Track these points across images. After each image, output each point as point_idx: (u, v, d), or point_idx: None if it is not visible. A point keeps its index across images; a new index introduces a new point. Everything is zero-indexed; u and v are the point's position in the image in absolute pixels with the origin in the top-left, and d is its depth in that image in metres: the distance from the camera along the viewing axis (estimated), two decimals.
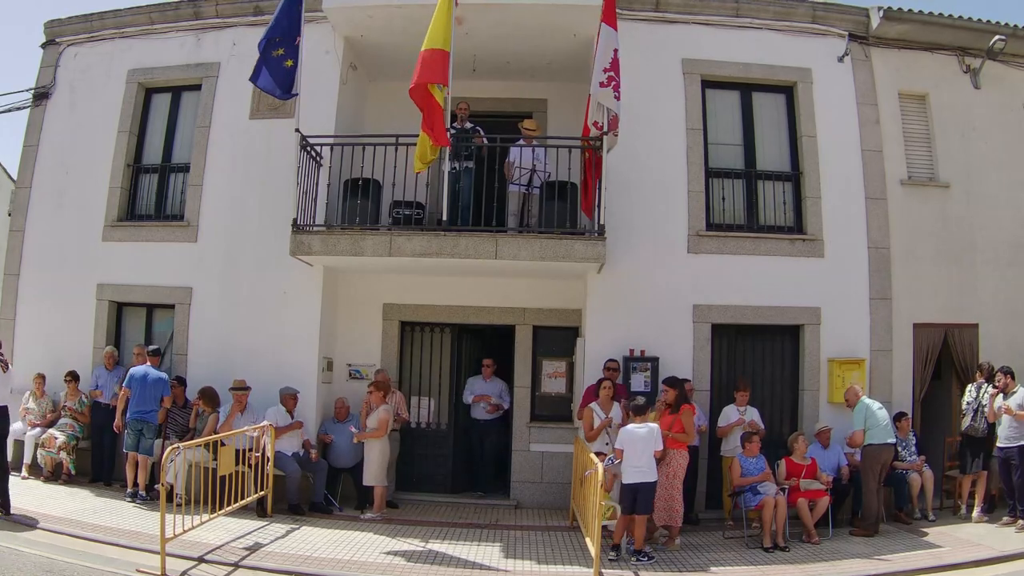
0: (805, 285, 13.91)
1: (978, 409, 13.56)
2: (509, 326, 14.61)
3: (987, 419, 13.30)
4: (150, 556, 9.10)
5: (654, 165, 13.79)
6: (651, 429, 10.82)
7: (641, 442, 10.72)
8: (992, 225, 15.52)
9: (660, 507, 11.62)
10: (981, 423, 13.50)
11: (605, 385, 12.16)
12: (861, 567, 10.51)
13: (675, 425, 11.26)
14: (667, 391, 12.03)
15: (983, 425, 13.46)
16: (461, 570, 9.87)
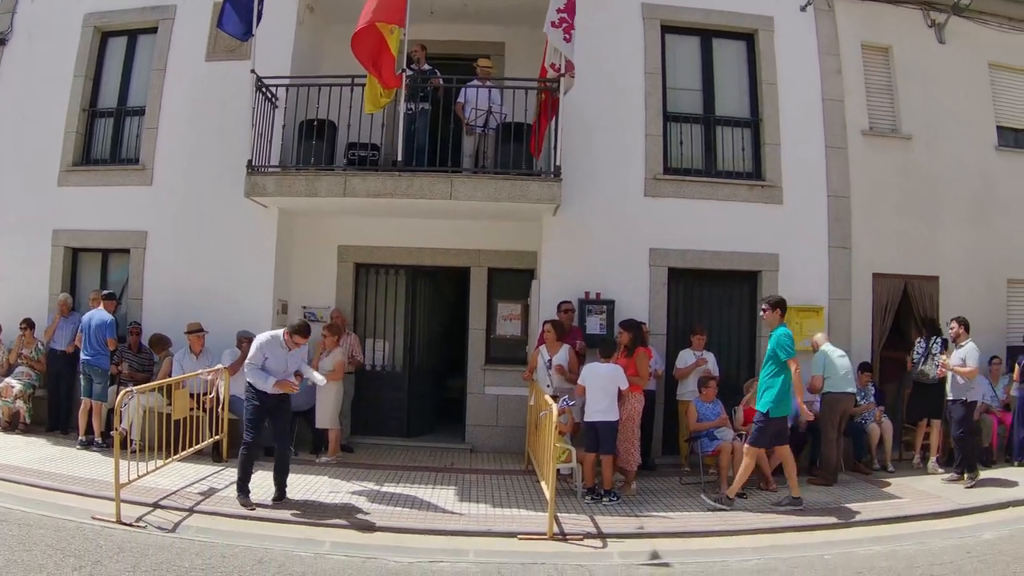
0: (763, 231, 13.96)
1: (926, 356, 13.71)
2: (464, 268, 14.67)
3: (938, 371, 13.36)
4: (106, 503, 9.06)
5: (612, 108, 13.77)
6: (613, 368, 10.84)
7: (603, 380, 10.74)
8: (955, 179, 15.64)
9: (619, 451, 11.63)
10: (932, 370, 13.64)
11: (546, 328, 12.13)
12: (819, 515, 10.51)
13: (629, 368, 11.18)
14: (622, 334, 12.01)
15: (934, 372, 13.60)
16: (416, 511, 9.92)
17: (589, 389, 10.77)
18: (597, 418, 10.69)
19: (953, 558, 8.80)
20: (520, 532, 9.19)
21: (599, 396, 10.71)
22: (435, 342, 15.74)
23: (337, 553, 8.23)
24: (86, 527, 8.49)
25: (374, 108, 12.48)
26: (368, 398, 14.41)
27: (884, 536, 9.82)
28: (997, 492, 12.08)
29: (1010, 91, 16.62)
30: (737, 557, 8.82)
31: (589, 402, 10.75)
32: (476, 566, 8.09)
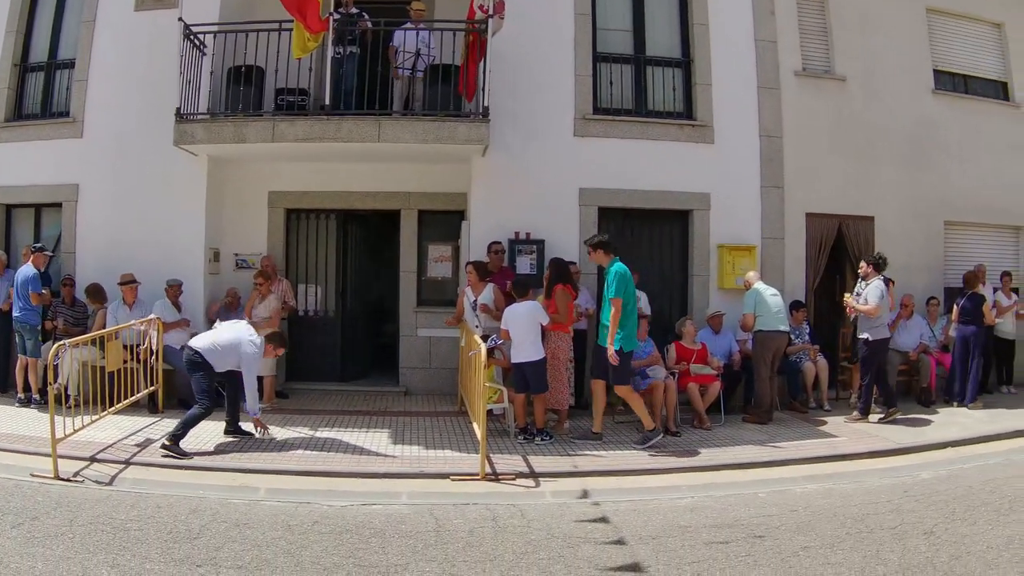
0: (694, 171, 13.98)
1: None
2: (395, 211, 14.72)
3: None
4: (44, 460, 9.00)
5: (542, 49, 13.68)
6: (531, 305, 10.82)
7: (523, 319, 10.73)
8: (891, 121, 15.71)
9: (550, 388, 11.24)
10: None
11: (468, 269, 12.20)
12: (753, 454, 10.60)
13: (550, 307, 11.23)
14: (548, 273, 12.04)
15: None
16: (349, 455, 9.98)
17: (512, 331, 10.73)
18: (523, 359, 10.67)
19: (890, 497, 8.84)
20: (453, 473, 9.25)
21: (522, 336, 10.68)
22: (367, 286, 15.79)
23: (271, 499, 8.24)
24: (24, 485, 8.47)
25: (302, 53, 12.46)
26: (302, 344, 14.41)
27: (820, 474, 9.88)
28: (936, 432, 12.28)
29: (947, 36, 16.75)
30: (671, 495, 8.86)
31: (514, 344, 10.72)
32: (409, 508, 8.10)
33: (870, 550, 7.04)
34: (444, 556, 6.66)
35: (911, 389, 15.41)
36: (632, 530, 7.52)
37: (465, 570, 6.36)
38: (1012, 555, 6.88)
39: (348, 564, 6.41)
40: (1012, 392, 16.22)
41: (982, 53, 17.23)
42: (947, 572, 6.48)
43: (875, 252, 13.86)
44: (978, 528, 7.67)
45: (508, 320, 10.82)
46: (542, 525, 7.60)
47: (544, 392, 10.86)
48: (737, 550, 7.00)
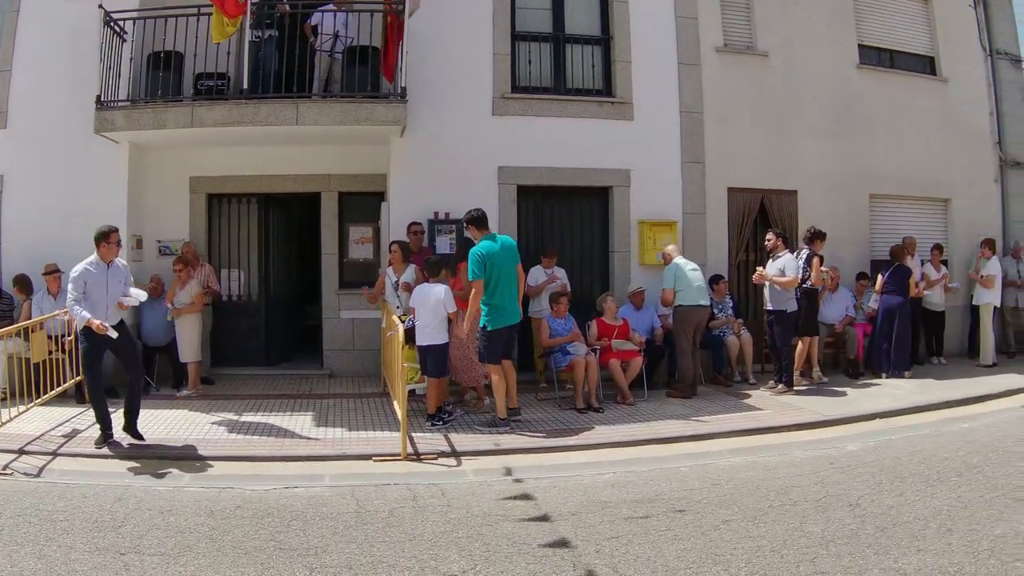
0: (614, 147, 14.16)
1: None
2: (315, 194, 14.85)
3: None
4: None
5: (459, 28, 13.77)
6: (441, 289, 10.73)
7: (431, 302, 10.67)
8: (815, 96, 16.02)
9: (462, 368, 11.53)
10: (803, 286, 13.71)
11: (393, 248, 12.23)
12: (677, 428, 10.73)
13: (457, 284, 11.28)
14: (457, 251, 12.27)
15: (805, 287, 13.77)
16: (273, 439, 10.04)
17: (419, 311, 10.68)
18: (426, 341, 10.62)
19: (815, 469, 8.94)
20: (375, 454, 9.30)
21: (428, 318, 10.62)
22: (290, 269, 16.05)
23: (195, 485, 8.24)
24: None
25: (221, 37, 12.58)
26: (227, 329, 14.58)
27: (744, 448, 10.02)
28: (864, 404, 12.43)
29: (874, 11, 17.07)
30: (593, 471, 8.91)
31: (419, 326, 10.67)
32: (330, 490, 8.16)
33: (793, 523, 7.08)
34: (364, 537, 6.69)
35: (839, 361, 15.70)
36: (552, 506, 7.57)
37: (384, 550, 6.37)
38: (939, 526, 6.93)
39: (269, 547, 6.42)
40: (943, 363, 16.56)
41: (909, 28, 17.57)
42: (872, 544, 6.52)
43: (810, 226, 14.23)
44: (905, 499, 7.73)
45: (416, 300, 10.81)
46: (462, 504, 7.65)
47: (442, 377, 10.82)
48: (657, 524, 7.05)
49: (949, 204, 17.58)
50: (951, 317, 17.00)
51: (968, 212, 17.67)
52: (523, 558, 6.20)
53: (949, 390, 13.58)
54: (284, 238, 15.67)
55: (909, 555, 6.26)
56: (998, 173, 18.15)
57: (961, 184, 17.58)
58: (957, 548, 6.37)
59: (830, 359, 15.26)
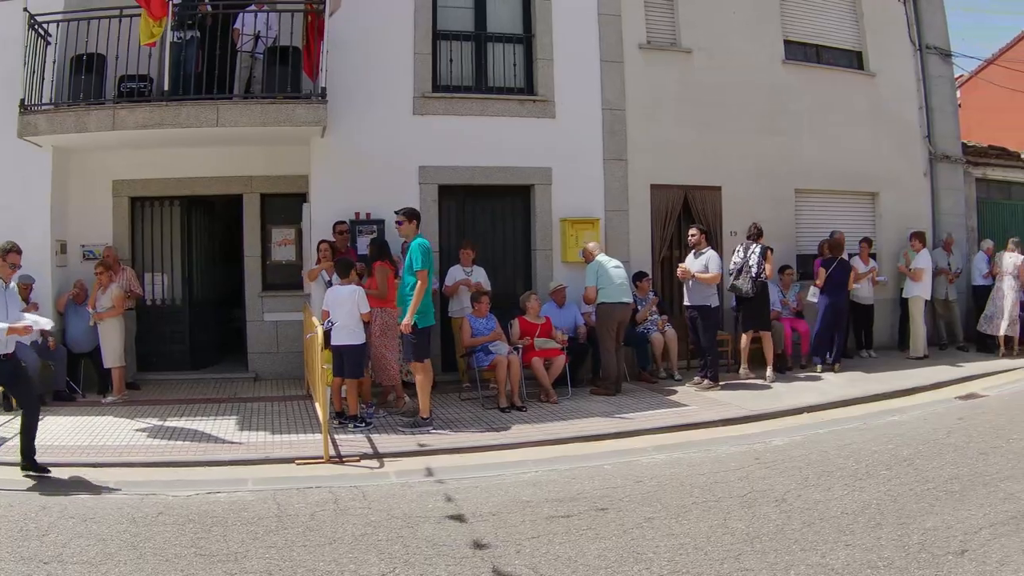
0: (536, 146, 14.46)
1: (743, 269, 14.23)
2: (237, 195, 15.00)
3: (756, 280, 14.25)
4: None
5: (381, 28, 13.97)
6: (352, 289, 10.88)
7: (345, 303, 10.80)
8: (740, 92, 16.48)
9: (379, 368, 11.72)
10: (747, 283, 14.20)
11: (323, 247, 12.51)
12: (600, 425, 10.93)
13: (372, 283, 11.51)
14: (369, 251, 12.16)
15: (748, 285, 14.23)
16: (197, 444, 10.12)
17: (333, 312, 10.75)
18: (342, 342, 10.69)
19: (740, 464, 9.08)
20: (298, 457, 9.42)
21: (343, 319, 10.72)
22: (214, 272, 16.09)
23: (119, 493, 8.27)
24: None
25: (149, 39, 12.79)
26: (151, 333, 14.68)
27: (669, 444, 10.20)
28: (792, 398, 12.76)
29: (800, 6, 17.56)
30: (516, 470, 9.05)
31: (335, 326, 10.73)
32: (253, 494, 8.21)
33: (717, 519, 7.15)
34: (284, 541, 6.74)
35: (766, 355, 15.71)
36: (473, 507, 7.65)
37: (304, 554, 6.43)
38: (868, 520, 7.03)
39: (189, 554, 6.46)
40: (872, 356, 17.09)
41: (837, 23, 18.08)
42: (798, 539, 6.58)
43: (753, 223, 14.74)
44: (833, 494, 7.86)
45: (330, 301, 10.89)
46: (383, 506, 7.73)
47: (359, 378, 10.99)
48: (579, 524, 7.13)
49: (877, 198, 18.10)
50: (880, 310, 17.54)
51: (897, 205, 18.21)
52: (442, 560, 6.27)
53: (878, 383, 13.81)
54: (207, 241, 15.78)
55: (837, 550, 6.34)
56: (928, 167, 18.76)
57: (890, 178, 18.11)
58: (887, 542, 6.47)
59: (757, 353, 15.47)
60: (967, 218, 19.53)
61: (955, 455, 9.24)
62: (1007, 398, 12.92)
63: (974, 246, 19.02)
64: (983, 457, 9.10)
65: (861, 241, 17.03)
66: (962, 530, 6.66)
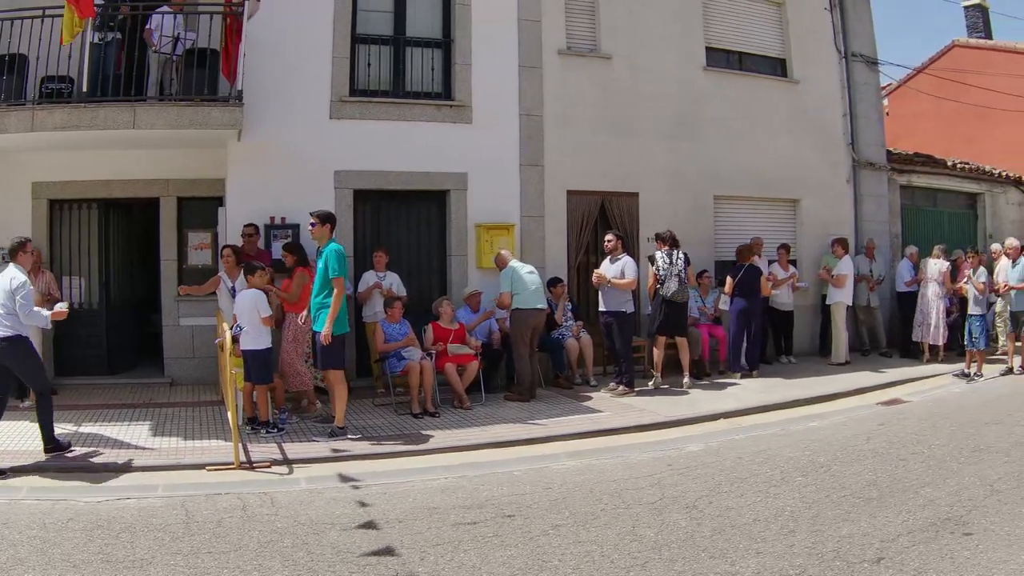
0: (453, 151, 14.82)
1: (674, 274, 14.56)
2: (155, 199, 15.13)
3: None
4: None
5: (300, 31, 14.19)
6: (254, 294, 11.00)
7: (247, 308, 10.92)
8: (659, 98, 17.12)
9: (290, 374, 11.87)
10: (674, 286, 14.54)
11: (225, 253, 12.58)
12: (513, 431, 11.21)
13: (287, 286, 11.92)
14: (286, 256, 12.31)
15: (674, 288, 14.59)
16: (110, 449, 10.20)
17: (239, 317, 10.87)
18: (246, 347, 10.77)
19: (652, 471, 9.22)
20: (209, 463, 9.49)
21: (247, 324, 10.78)
22: (132, 276, 16.14)
23: (31, 498, 8.32)
24: None
25: (71, 38, 13.01)
26: (69, 337, 14.57)
27: (582, 450, 10.43)
28: (708, 404, 13.11)
29: (723, 14, 18.25)
30: (426, 476, 9.19)
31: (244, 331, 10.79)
32: (162, 500, 8.26)
33: (625, 526, 7.21)
34: (190, 548, 6.78)
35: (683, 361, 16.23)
36: (380, 513, 7.74)
37: (209, 561, 6.46)
38: (781, 527, 7.11)
39: (97, 560, 6.48)
40: (792, 362, 17.78)
41: (761, 31, 18.81)
42: (708, 547, 6.64)
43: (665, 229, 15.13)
44: (745, 500, 7.95)
45: (237, 306, 11.10)
46: (290, 512, 7.80)
47: (266, 383, 11.05)
48: (485, 531, 7.19)
49: (799, 204, 18.84)
50: (801, 316, 18.26)
51: (819, 212, 18.94)
52: (346, 567, 6.34)
53: (798, 389, 14.22)
54: (125, 244, 15.96)
55: (747, 558, 6.38)
56: (851, 174, 19.54)
57: (812, 184, 18.85)
58: (800, 550, 6.54)
59: (673, 359, 15.94)
60: (891, 225, 20.33)
61: (874, 461, 9.49)
62: (930, 404, 13.29)
63: (898, 253, 19.81)
64: (903, 463, 9.36)
65: (779, 247, 17.71)
66: (879, 537, 6.80)
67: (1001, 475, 8.68)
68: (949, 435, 10.81)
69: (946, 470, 9.01)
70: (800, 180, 18.56)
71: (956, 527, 7.03)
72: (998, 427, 11.16)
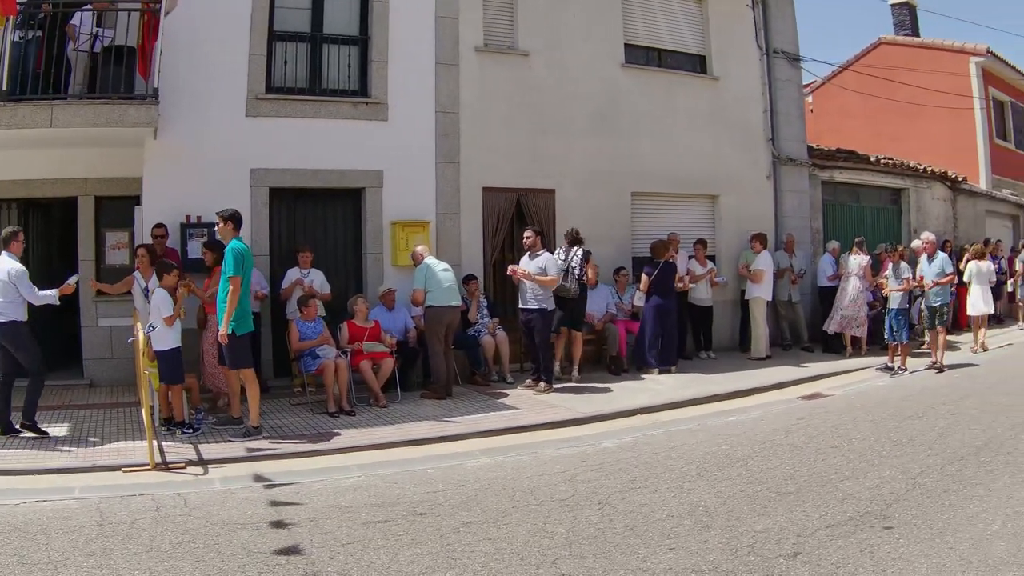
0: (368, 149, 15.24)
1: (568, 271, 15.17)
2: (73, 198, 15.24)
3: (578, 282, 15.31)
4: None
5: (217, 28, 14.42)
6: (160, 294, 11.19)
7: (156, 307, 11.11)
8: (578, 95, 17.84)
9: (209, 374, 12.33)
10: (573, 285, 15.19)
11: (140, 253, 12.80)
12: (427, 429, 11.51)
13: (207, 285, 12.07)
14: (206, 254, 12.52)
15: (575, 286, 15.24)
16: (27, 452, 10.30)
17: (152, 316, 11.08)
18: (156, 347, 10.99)
19: (566, 467, 9.47)
20: (125, 465, 9.63)
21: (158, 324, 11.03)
22: (52, 276, 16.24)
23: None
24: None
25: None
26: None
27: (496, 448, 10.74)
28: (625, 400, 13.52)
29: (643, 11, 19.04)
30: (339, 475, 9.41)
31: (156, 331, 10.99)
32: (78, 502, 8.34)
33: (537, 523, 7.36)
34: (104, 549, 6.87)
35: (602, 358, 17.25)
36: (292, 513, 7.88)
37: (122, 563, 6.55)
38: (695, 523, 7.28)
39: (12, 563, 6.54)
40: (712, 357, 18.51)
41: (682, 28, 19.64)
42: (620, 544, 6.78)
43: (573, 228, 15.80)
44: (660, 496, 8.14)
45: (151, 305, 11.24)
46: (203, 513, 7.92)
47: (177, 383, 11.25)
48: (396, 529, 7.33)
49: (718, 200, 19.70)
50: (721, 312, 19.12)
51: (739, 208, 19.81)
52: (256, 567, 6.44)
53: (717, 384, 14.73)
54: (44, 244, 16.06)
55: (660, 554, 6.52)
56: (771, 169, 20.52)
57: (731, 181, 19.74)
58: (713, 545, 6.70)
59: (592, 356, 16.77)
60: (812, 220, 21.27)
61: (792, 455, 9.79)
62: (852, 398, 13.80)
63: (820, 248, 20.77)
64: (822, 457, 9.67)
65: (696, 243, 18.46)
66: (796, 532, 6.97)
67: (924, 468, 9.01)
68: (870, 429, 11.21)
69: (867, 464, 9.33)
70: (719, 176, 19.41)
71: (876, 521, 7.27)
72: (921, 421, 11.61)
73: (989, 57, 31.27)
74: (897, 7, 33.32)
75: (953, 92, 28.77)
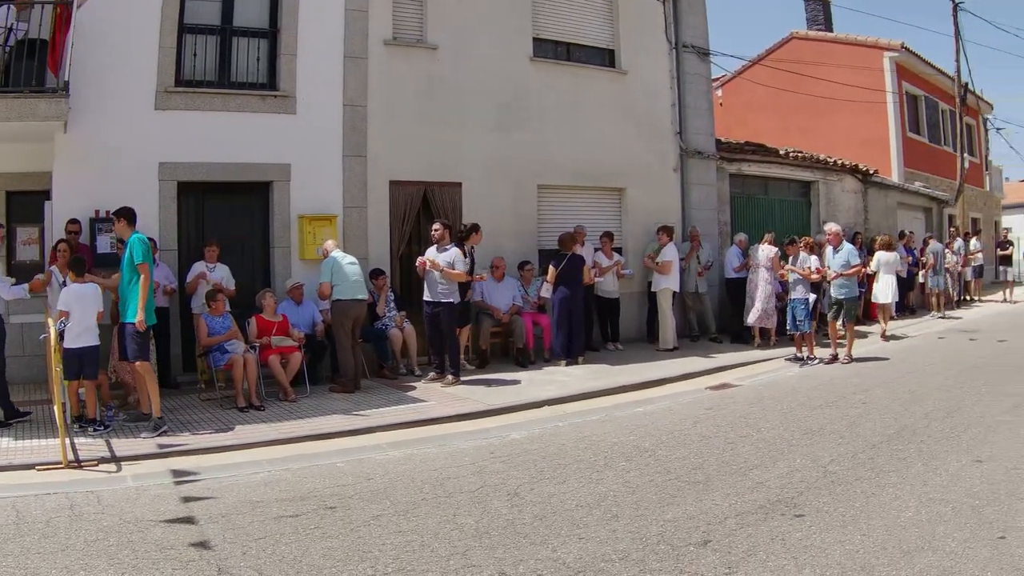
0: (275, 142, 15.70)
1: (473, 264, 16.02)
2: None
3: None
4: None
5: (128, 21, 14.63)
6: (91, 289, 11.40)
7: (84, 302, 11.30)
8: (485, 88, 18.73)
9: (122, 369, 12.50)
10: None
11: (60, 247, 12.94)
12: (336, 423, 11.78)
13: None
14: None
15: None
16: None
17: (73, 313, 11.06)
18: (83, 344, 11.12)
19: (475, 459, 9.72)
20: (39, 463, 9.74)
21: (82, 319, 11.18)
22: None
23: None
24: None
25: None
26: None
27: (405, 440, 10.99)
28: (532, 391, 14.01)
29: (552, 5, 19.96)
30: (249, 471, 9.57)
31: (73, 328, 11.11)
32: None
33: (446, 515, 7.56)
34: (20, 549, 6.96)
35: (508, 350, 18.15)
36: (204, 509, 8.01)
37: (38, 562, 6.63)
38: (604, 512, 7.46)
39: None
40: (619, 348, 19.44)
41: (591, 22, 20.61)
42: (529, 534, 6.94)
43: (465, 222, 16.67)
44: (568, 487, 8.38)
45: (71, 301, 11.18)
46: (116, 510, 8.00)
47: (94, 379, 11.41)
48: (306, 523, 7.49)
49: (624, 193, 20.74)
50: (628, 303, 20.07)
51: (646, 200, 20.88)
52: (169, 564, 6.54)
53: (624, 375, 15.31)
54: None
55: (569, 543, 6.70)
56: (679, 162, 21.63)
57: (638, 173, 20.78)
58: (623, 534, 6.87)
59: (499, 348, 17.59)
60: (720, 212, 22.44)
61: (701, 445, 10.09)
62: (761, 388, 14.33)
63: (727, 240, 21.91)
64: (731, 446, 9.96)
65: (603, 236, 19.39)
66: (705, 520, 7.18)
67: (834, 457, 9.38)
68: (780, 418, 11.66)
69: (776, 452, 9.66)
70: (626, 169, 20.44)
71: (787, 509, 7.52)
72: (831, 409, 12.12)
73: (904, 52, 32.82)
74: (810, 3, 34.55)
75: (866, 87, 30.04)
